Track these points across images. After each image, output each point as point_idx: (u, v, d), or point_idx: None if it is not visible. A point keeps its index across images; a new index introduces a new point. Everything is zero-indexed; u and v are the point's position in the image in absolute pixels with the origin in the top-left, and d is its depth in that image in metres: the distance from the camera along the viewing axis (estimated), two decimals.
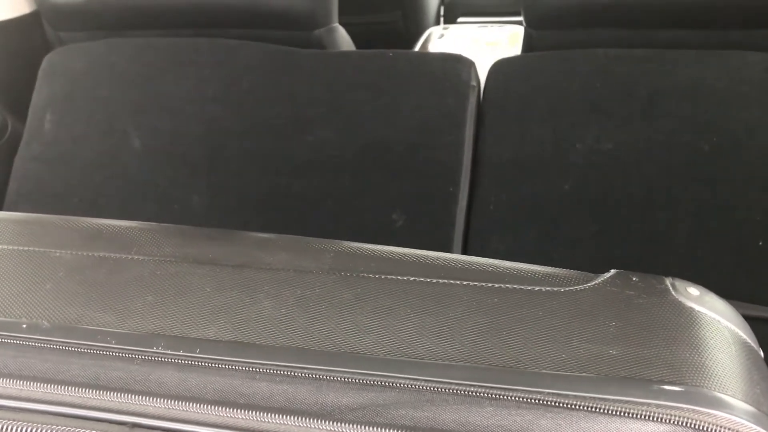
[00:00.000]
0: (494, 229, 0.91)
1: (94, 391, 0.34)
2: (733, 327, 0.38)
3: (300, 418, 0.32)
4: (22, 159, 1.08)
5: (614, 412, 0.32)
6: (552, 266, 0.42)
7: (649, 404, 0.32)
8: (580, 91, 0.91)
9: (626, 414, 0.32)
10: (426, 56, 1.02)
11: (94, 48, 1.09)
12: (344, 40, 1.18)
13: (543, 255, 0.88)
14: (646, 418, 0.31)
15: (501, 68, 0.98)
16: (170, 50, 1.05)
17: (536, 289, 0.39)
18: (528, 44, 1.04)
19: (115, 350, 0.36)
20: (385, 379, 0.34)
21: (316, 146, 0.94)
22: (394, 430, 0.32)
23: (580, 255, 0.88)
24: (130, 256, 0.43)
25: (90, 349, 0.36)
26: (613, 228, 0.87)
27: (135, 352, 0.36)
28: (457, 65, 0.96)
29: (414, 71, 0.97)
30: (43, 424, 0.34)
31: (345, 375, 0.34)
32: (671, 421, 0.31)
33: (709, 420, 0.32)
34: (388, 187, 0.91)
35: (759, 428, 0.32)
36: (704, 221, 0.85)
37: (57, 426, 0.34)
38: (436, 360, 0.35)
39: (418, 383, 0.33)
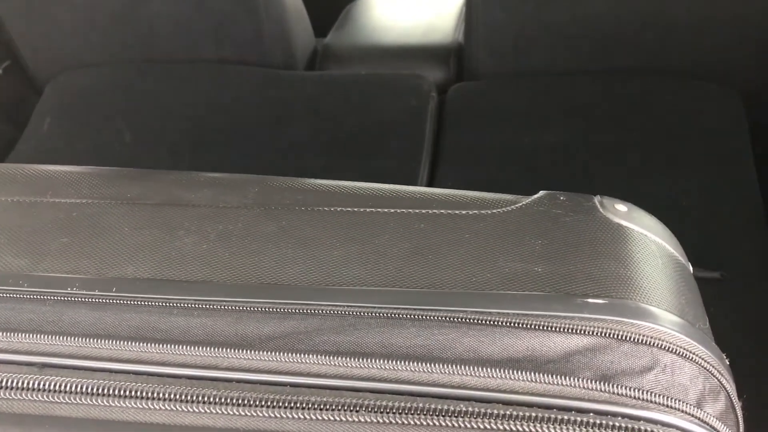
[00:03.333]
0: None
1: (2, 334, 0.33)
2: (660, 241, 0.38)
3: (218, 349, 0.31)
4: (17, 155, 1.12)
5: (537, 327, 0.31)
6: None
7: (572, 318, 0.31)
8: (526, 105, 1.10)
9: (549, 328, 0.31)
10: (394, 74, 1.18)
11: (100, 70, 1.20)
12: None
13: None
14: (569, 331, 0.31)
15: (460, 90, 1.14)
16: (171, 70, 1.19)
17: (464, 213, 0.39)
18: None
19: (27, 293, 0.35)
20: (307, 307, 0.33)
21: (294, 136, 1.07)
22: (316, 355, 0.31)
23: None
24: (45, 199, 0.42)
25: (1, 294, 0.35)
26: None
27: (48, 294, 0.34)
28: (420, 81, 1.13)
29: (383, 84, 1.14)
30: None
31: (266, 305, 0.33)
32: (594, 333, 0.31)
33: (632, 330, 0.31)
34: (357, 167, 1.03)
35: (681, 335, 0.32)
36: (633, 185, 0.97)
37: None
38: (361, 286, 0.34)
39: (341, 309, 0.33)
